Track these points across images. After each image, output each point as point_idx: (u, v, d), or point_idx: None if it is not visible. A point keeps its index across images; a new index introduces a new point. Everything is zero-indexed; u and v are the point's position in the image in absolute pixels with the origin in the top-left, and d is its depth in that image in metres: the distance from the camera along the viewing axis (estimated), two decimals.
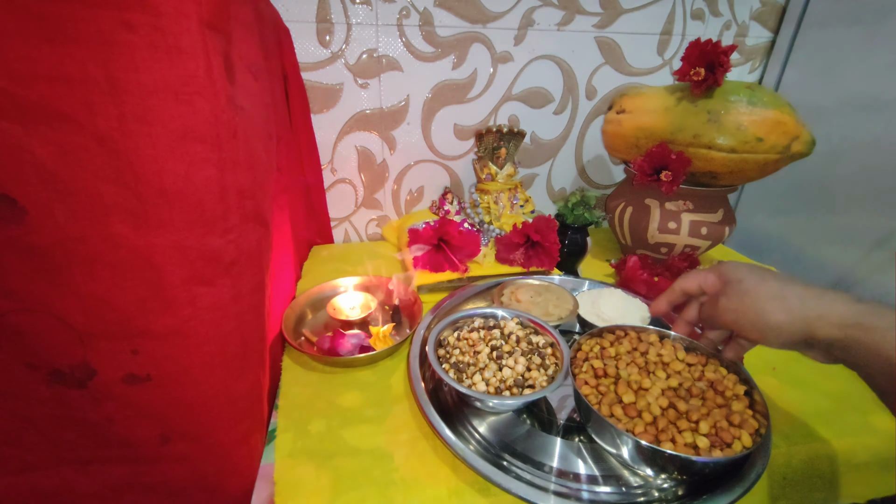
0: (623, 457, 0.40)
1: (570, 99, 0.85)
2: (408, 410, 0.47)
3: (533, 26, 0.77)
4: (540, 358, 0.47)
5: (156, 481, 0.40)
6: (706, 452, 0.37)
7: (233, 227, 0.35)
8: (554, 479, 0.40)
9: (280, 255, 0.60)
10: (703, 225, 0.67)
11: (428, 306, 0.61)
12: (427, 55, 0.76)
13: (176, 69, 0.29)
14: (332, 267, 0.75)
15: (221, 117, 0.32)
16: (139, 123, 0.28)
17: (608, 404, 0.41)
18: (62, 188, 0.28)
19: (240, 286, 0.38)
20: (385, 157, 0.83)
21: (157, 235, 0.31)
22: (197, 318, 0.34)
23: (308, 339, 0.58)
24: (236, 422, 0.40)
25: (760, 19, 0.86)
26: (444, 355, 0.49)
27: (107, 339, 0.32)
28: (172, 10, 0.28)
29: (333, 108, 0.77)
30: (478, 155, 0.81)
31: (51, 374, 0.33)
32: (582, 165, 0.94)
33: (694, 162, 0.63)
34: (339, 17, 0.70)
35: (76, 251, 0.30)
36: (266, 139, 0.44)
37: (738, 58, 0.89)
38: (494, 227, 0.76)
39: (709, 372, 0.45)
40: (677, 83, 0.67)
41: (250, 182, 0.37)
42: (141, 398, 0.35)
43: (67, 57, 0.26)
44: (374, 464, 0.41)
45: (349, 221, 0.88)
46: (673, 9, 0.81)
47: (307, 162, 0.76)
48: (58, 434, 0.36)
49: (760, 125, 0.59)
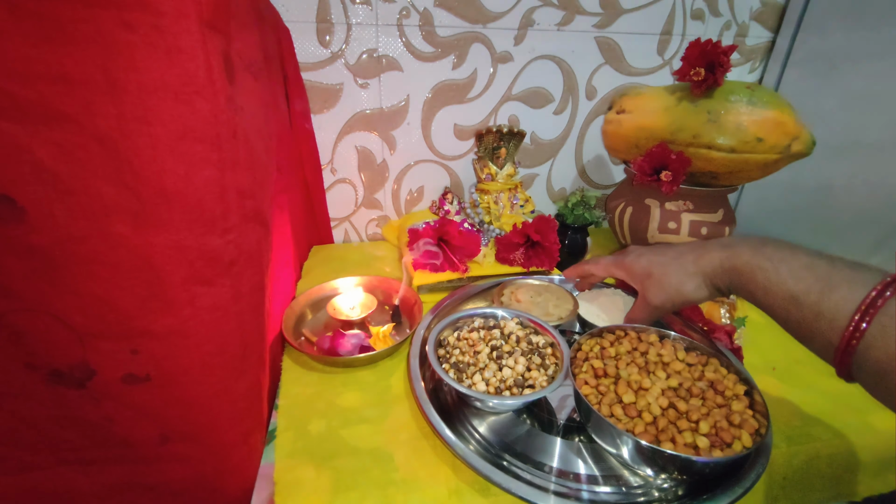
0: (623, 457, 0.40)
1: (570, 99, 0.85)
2: (408, 410, 0.47)
3: (533, 26, 0.77)
4: (540, 358, 0.47)
5: (156, 481, 0.40)
6: (706, 452, 0.37)
7: (233, 227, 0.35)
8: (554, 479, 0.40)
9: (280, 255, 0.60)
10: (703, 225, 0.67)
11: (428, 306, 0.61)
12: (427, 55, 0.76)
13: (176, 69, 0.29)
14: (332, 267, 0.75)
15: (221, 117, 0.32)
16: (139, 123, 0.28)
17: (608, 404, 0.41)
18: (62, 188, 0.28)
19: (239, 286, 0.38)
20: (385, 157, 0.83)
21: (157, 235, 0.31)
22: (197, 317, 0.34)
23: (308, 339, 0.58)
24: (236, 422, 0.40)
25: (760, 19, 0.86)
26: (444, 355, 0.49)
27: (106, 339, 0.32)
28: (172, 10, 0.28)
29: (333, 108, 0.77)
30: (478, 155, 0.81)
31: (50, 374, 0.33)
32: (582, 165, 0.94)
33: (694, 162, 0.63)
34: (339, 17, 0.70)
35: (76, 251, 0.30)
36: (266, 139, 0.44)
37: (738, 58, 0.89)
38: (494, 227, 0.76)
39: (709, 372, 0.45)
40: (677, 83, 0.67)
41: (250, 182, 0.38)
42: (140, 398, 0.35)
43: (67, 57, 0.26)
44: (374, 464, 0.41)
45: (349, 221, 0.88)
46: (673, 9, 0.81)
47: (307, 162, 0.76)
48: (58, 434, 0.36)
49: (760, 125, 0.59)
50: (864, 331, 0.32)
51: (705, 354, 0.47)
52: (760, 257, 0.39)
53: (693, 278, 0.45)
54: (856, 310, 0.32)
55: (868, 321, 0.32)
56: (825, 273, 0.35)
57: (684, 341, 0.48)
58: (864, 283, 0.33)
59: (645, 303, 0.50)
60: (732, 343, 0.55)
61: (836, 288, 0.34)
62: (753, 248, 0.41)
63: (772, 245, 0.40)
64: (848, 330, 0.33)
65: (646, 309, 0.50)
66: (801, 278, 0.36)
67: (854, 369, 0.34)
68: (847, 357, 0.33)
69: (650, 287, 0.48)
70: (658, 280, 0.47)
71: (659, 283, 0.47)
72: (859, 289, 0.33)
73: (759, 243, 0.41)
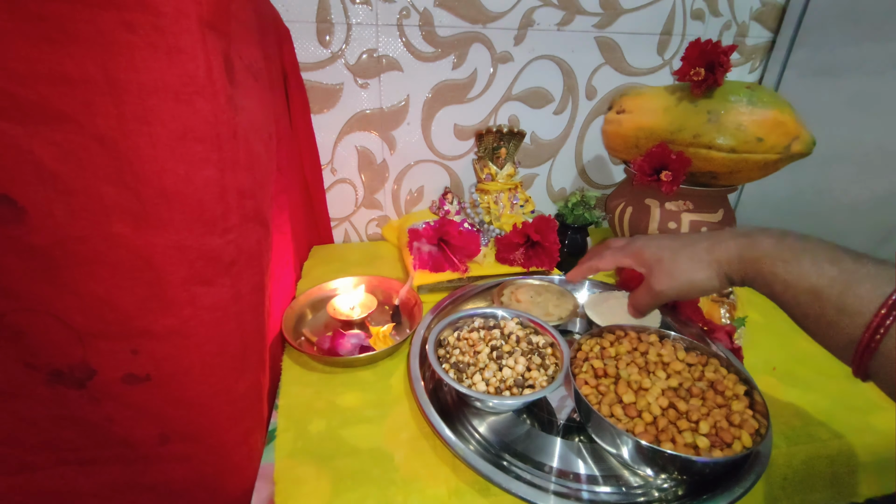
0: (623, 457, 0.40)
1: (570, 99, 0.85)
2: (408, 410, 0.47)
3: (533, 26, 0.77)
4: (540, 358, 0.47)
5: (156, 481, 0.40)
6: (706, 452, 0.37)
7: (233, 227, 0.35)
8: (554, 479, 0.40)
9: (280, 255, 0.60)
10: (703, 225, 0.67)
11: (428, 306, 0.61)
12: (427, 55, 0.76)
13: (176, 69, 0.29)
14: (332, 267, 0.75)
15: (221, 117, 0.32)
16: (139, 123, 0.28)
17: (608, 404, 0.41)
18: (62, 188, 0.28)
19: (240, 286, 0.38)
20: (385, 157, 0.83)
21: (157, 235, 0.31)
22: (197, 318, 0.34)
23: (308, 339, 0.58)
24: (236, 422, 0.40)
25: (760, 19, 0.86)
26: (444, 355, 0.49)
27: (106, 339, 0.32)
28: (172, 10, 0.28)
29: (333, 108, 0.77)
30: (478, 155, 0.81)
31: (50, 373, 0.33)
32: (582, 165, 0.94)
33: (694, 162, 0.63)
34: (339, 17, 0.70)
35: (76, 251, 0.30)
36: (266, 139, 0.44)
37: (738, 58, 0.89)
38: (494, 227, 0.76)
39: (709, 372, 0.45)
40: (677, 83, 0.67)
41: (250, 182, 0.38)
42: (141, 398, 0.35)
43: (67, 57, 0.26)
44: (374, 464, 0.41)
45: (349, 221, 0.88)
46: (673, 9, 0.81)
47: (307, 162, 0.76)
48: (58, 434, 0.36)
49: (760, 125, 0.59)
50: (889, 327, 0.30)
51: (705, 354, 0.47)
52: (783, 248, 0.38)
53: (705, 267, 0.43)
54: (882, 304, 0.31)
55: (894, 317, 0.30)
56: (850, 267, 0.34)
57: (684, 341, 0.48)
58: (890, 279, 0.32)
59: (648, 287, 0.48)
60: (732, 343, 0.55)
61: (862, 282, 0.33)
62: (775, 239, 0.39)
63: (794, 236, 0.38)
64: (872, 325, 0.31)
65: (649, 293, 0.48)
66: (825, 272, 0.35)
67: (873, 367, 0.32)
68: (868, 354, 0.32)
69: (658, 272, 0.47)
70: (668, 266, 0.45)
71: (668, 270, 0.45)
72: (886, 284, 0.31)
73: (781, 234, 0.39)
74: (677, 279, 0.45)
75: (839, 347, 0.35)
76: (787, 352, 0.57)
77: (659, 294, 0.47)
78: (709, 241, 0.43)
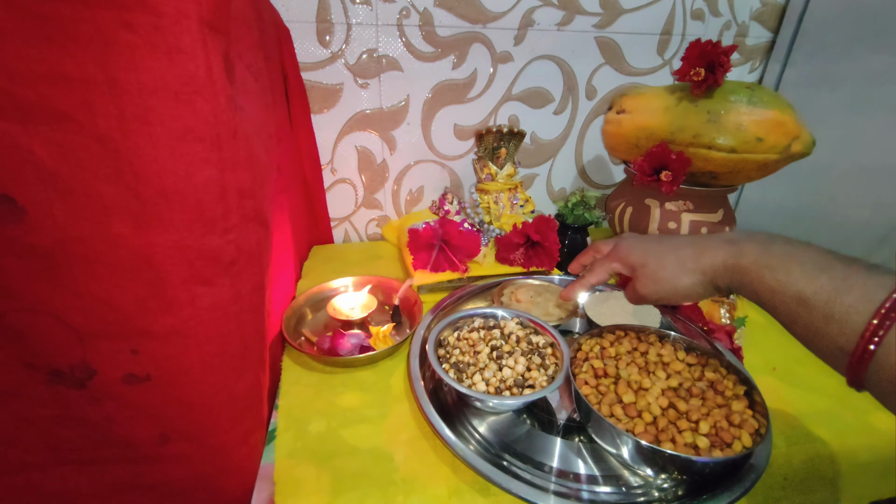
0: (623, 457, 0.40)
1: (570, 99, 0.85)
2: (408, 410, 0.47)
3: (533, 26, 0.77)
4: (540, 358, 0.47)
5: (156, 481, 0.40)
6: (706, 452, 0.37)
7: (232, 227, 0.35)
8: (554, 479, 0.40)
9: (280, 255, 0.60)
10: (703, 225, 0.67)
11: (428, 306, 0.61)
12: (427, 55, 0.76)
13: (176, 69, 0.29)
14: (332, 267, 0.75)
15: (221, 117, 0.32)
16: (139, 123, 0.28)
17: (608, 404, 0.41)
18: (62, 188, 0.28)
19: (239, 286, 0.38)
20: (385, 157, 0.83)
21: (157, 235, 0.31)
22: (197, 318, 0.34)
23: (308, 339, 0.58)
24: (236, 422, 0.40)
25: (760, 19, 0.86)
26: (444, 355, 0.49)
27: (107, 339, 0.32)
28: (172, 10, 0.28)
29: (333, 108, 0.77)
30: (478, 155, 0.81)
31: (50, 374, 0.33)
32: (582, 165, 0.94)
33: (694, 162, 0.63)
34: (339, 17, 0.70)
35: (76, 251, 0.30)
36: (266, 139, 0.44)
37: (738, 58, 0.89)
38: (494, 227, 0.76)
39: (709, 372, 0.45)
40: (677, 83, 0.67)
41: (250, 182, 0.37)
42: (141, 398, 0.35)
43: (67, 57, 0.26)
44: (374, 464, 0.41)
45: (349, 221, 0.88)
46: (673, 9, 0.81)
47: (307, 162, 0.76)
48: (58, 434, 0.36)
49: (760, 125, 0.59)
50: (883, 336, 0.29)
51: (705, 354, 0.47)
52: (769, 256, 0.37)
53: (690, 275, 0.42)
54: (874, 313, 0.30)
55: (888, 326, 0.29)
56: (840, 274, 0.33)
57: (684, 341, 0.48)
58: (882, 286, 0.30)
59: (634, 290, 0.47)
60: (732, 343, 0.55)
61: (851, 290, 0.31)
62: (761, 246, 0.38)
63: (780, 242, 0.37)
64: (865, 335, 0.30)
65: (634, 296, 0.48)
66: (813, 278, 0.33)
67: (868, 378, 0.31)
68: (863, 365, 0.31)
69: (642, 277, 0.46)
70: (652, 271, 0.45)
71: (653, 275, 0.45)
72: (877, 291, 0.30)
73: (767, 240, 0.38)
74: (662, 285, 0.44)
75: (828, 355, 0.34)
76: (787, 352, 0.57)
77: (643, 298, 0.47)
78: (694, 247, 0.43)
